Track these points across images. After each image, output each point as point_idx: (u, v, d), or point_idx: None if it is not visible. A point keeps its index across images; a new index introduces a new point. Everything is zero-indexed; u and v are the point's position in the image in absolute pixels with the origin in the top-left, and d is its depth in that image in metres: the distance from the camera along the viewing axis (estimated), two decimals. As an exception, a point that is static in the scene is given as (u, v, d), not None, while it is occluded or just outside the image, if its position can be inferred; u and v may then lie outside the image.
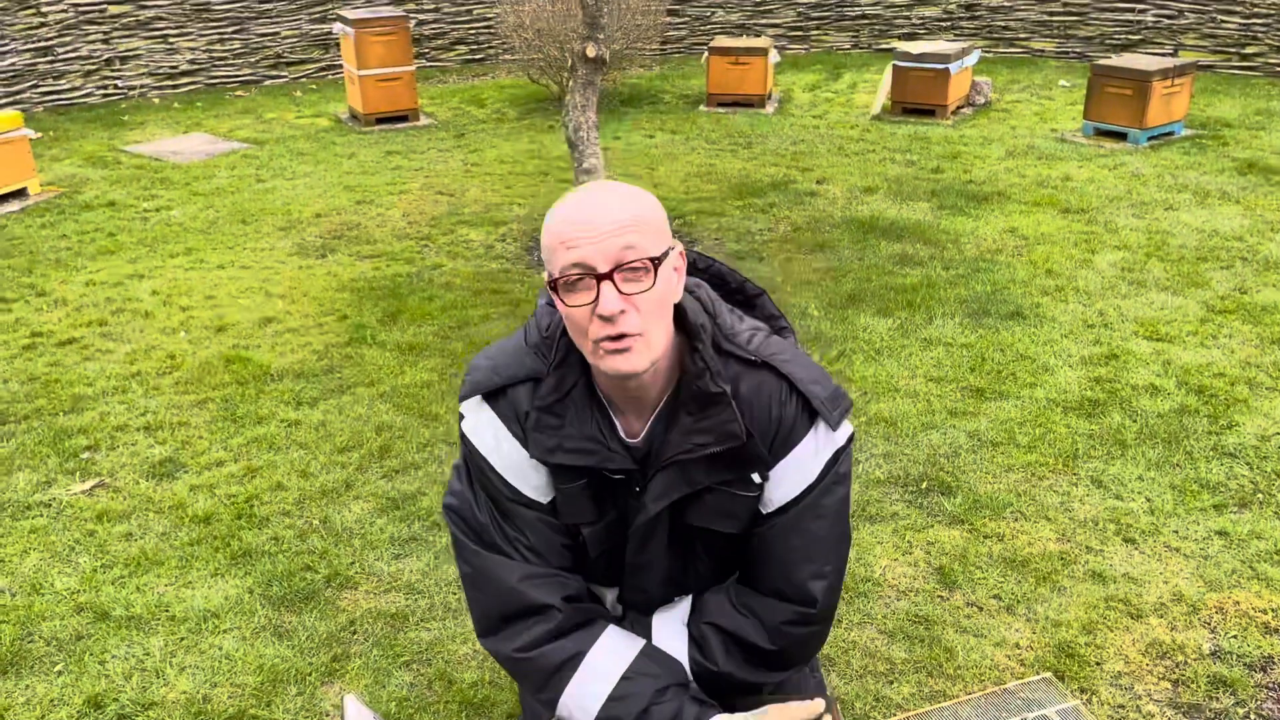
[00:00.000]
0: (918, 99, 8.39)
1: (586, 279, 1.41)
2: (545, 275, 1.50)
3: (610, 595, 1.79)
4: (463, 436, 1.62)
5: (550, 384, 1.52)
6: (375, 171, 7.29)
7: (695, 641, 1.69)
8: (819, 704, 1.63)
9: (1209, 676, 2.54)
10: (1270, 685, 2.52)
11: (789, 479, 1.60)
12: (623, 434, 1.58)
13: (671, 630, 1.73)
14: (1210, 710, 2.44)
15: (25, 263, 5.53)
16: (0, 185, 6.46)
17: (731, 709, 1.65)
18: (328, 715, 2.45)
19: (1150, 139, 7.46)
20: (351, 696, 2.10)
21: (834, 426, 1.59)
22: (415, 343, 4.48)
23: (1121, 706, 2.45)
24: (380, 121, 8.62)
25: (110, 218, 6.31)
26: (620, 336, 1.42)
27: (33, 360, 4.38)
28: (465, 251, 5.66)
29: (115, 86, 9.79)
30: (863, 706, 2.45)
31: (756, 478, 1.59)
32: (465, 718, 2.43)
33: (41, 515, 3.28)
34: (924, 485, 3.34)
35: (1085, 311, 4.65)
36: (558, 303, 1.46)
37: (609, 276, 1.40)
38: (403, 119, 8.69)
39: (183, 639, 2.72)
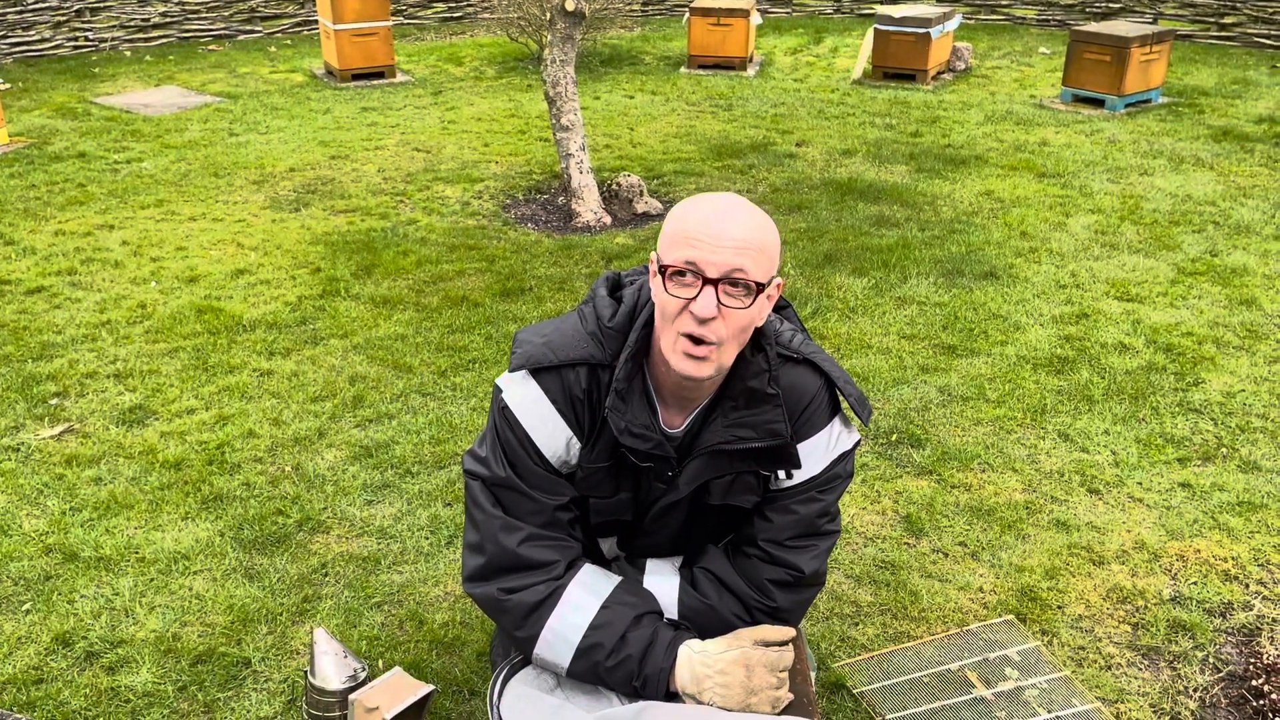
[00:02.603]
0: (898, 63, 8.37)
1: (693, 276, 1.49)
2: (654, 257, 1.57)
3: (607, 544, 1.86)
4: (501, 406, 1.67)
5: (621, 372, 1.61)
6: (350, 127, 7.21)
7: (687, 581, 1.76)
8: (790, 630, 1.67)
9: (1169, 621, 2.59)
10: (1229, 630, 2.57)
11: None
12: (663, 424, 1.67)
13: (663, 569, 1.81)
14: (1169, 653, 2.49)
15: (-7, 212, 5.45)
16: (-33, 135, 6.36)
17: None
18: (298, 653, 2.46)
19: (1127, 105, 7.49)
20: (321, 630, 2.11)
21: (861, 426, 1.67)
22: (389, 296, 4.46)
23: (1082, 648, 2.50)
24: (356, 78, 8.51)
25: (80, 169, 6.22)
26: (700, 342, 1.51)
27: (0, 308, 4.32)
28: (441, 208, 5.62)
29: (86, 38, 9.61)
30: (828, 646, 2.48)
31: (782, 473, 1.68)
32: (435, 656, 2.44)
33: (9, 459, 3.26)
34: (894, 438, 3.37)
35: (1058, 272, 4.69)
36: (659, 287, 1.53)
37: (715, 283, 1.49)
38: (379, 75, 8.58)
39: (152, 580, 2.72)
